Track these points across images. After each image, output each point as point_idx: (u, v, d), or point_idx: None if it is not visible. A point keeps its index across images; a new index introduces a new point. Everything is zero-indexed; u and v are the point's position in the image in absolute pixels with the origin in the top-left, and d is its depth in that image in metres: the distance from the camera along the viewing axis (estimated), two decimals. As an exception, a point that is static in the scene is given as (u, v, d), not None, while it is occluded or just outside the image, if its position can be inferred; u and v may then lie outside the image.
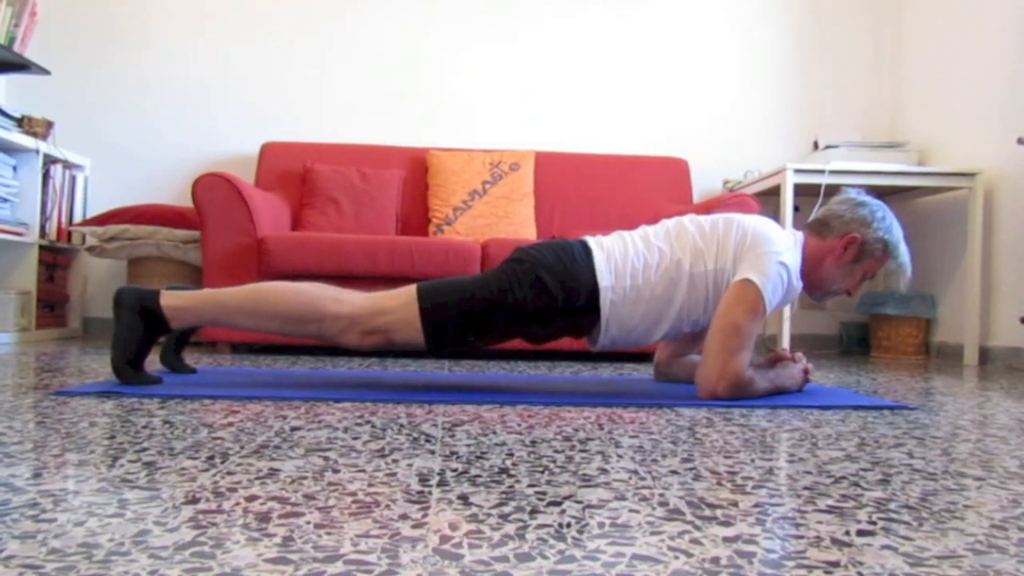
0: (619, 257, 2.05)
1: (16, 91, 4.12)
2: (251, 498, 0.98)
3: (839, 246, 2.11)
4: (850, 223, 2.12)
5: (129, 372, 1.97)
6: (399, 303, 1.99)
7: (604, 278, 2.02)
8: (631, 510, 0.97)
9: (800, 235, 2.16)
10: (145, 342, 1.99)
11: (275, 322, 2.01)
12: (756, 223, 2.07)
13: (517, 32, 4.35)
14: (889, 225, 2.14)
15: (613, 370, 2.86)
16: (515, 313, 2.00)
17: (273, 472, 1.12)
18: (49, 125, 3.76)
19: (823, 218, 2.17)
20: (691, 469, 1.21)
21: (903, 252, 2.15)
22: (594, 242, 2.09)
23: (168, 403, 1.75)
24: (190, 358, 2.86)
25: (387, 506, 0.96)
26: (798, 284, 2.07)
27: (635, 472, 1.18)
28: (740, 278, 1.98)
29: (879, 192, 4.19)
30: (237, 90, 4.24)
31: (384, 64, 4.29)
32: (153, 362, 2.41)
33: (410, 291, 2.00)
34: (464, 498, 1.00)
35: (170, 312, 1.98)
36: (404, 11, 4.31)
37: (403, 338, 1.99)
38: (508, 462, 1.23)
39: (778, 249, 2.01)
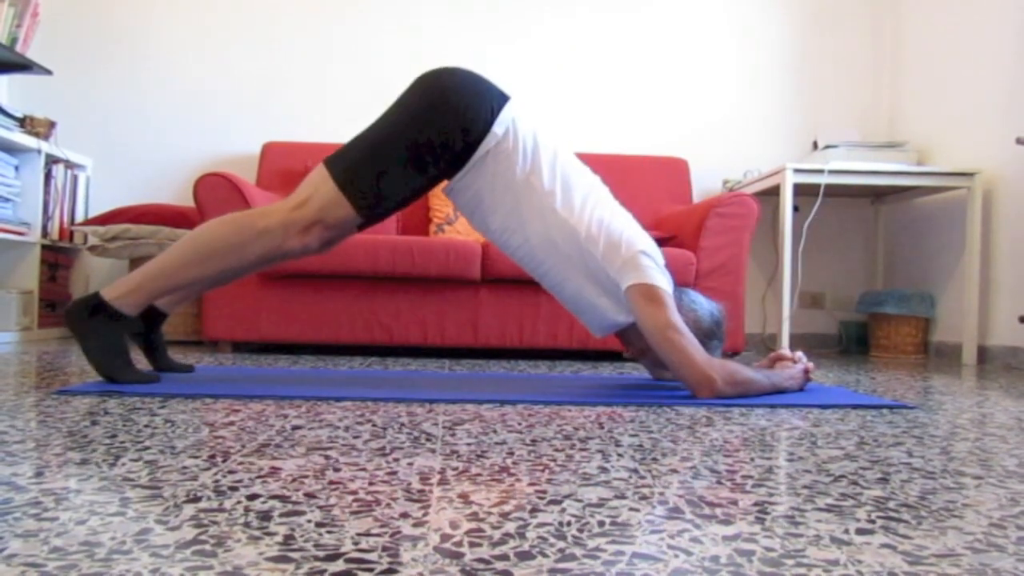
0: (527, 134, 2.03)
1: (18, 91, 4.12)
2: (252, 497, 0.98)
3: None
4: (693, 311, 2.19)
5: (119, 370, 1.96)
6: (315, 185, 1.95)
7: (498, 127, 1.99)
8: (631, 509, 0.97)
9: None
10: (115, 339, 1.97)
11: (215, 261, 1.95)
12: (628, 225, 2.08)
13: (517, 32, 4.35)
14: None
15: (613, 369, 2.86)
16: (420, 150, 1.95)
17: (274, 471, 1.12)
18: (51, 125, 3.76)
19: (686, 290, 2.26)
20: (691, 468, 1.21)
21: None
22: (519, 108, 2.06)
23: (169, 402, 1.76)
24: (191, 358, 2.87)
25: (388, 505, 0.96)
26: (662, 260, 2.08)
27: (635, 471, 1.18)
28: (627, 286, 2.00)
29: (878, 192, 4.21)
30: (238, 90, 4.25)
31: (385, 64, 4.30)
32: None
33: (319, 170, 1.97)
34: (465, 496, 1.01)
35: (118, 301, 1.95)
36: (404, 11, 4.31)
37: (336, 218, 1.94)
38: (508, 461, 1.23)
39: (640, 247, 2.02)
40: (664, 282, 2.02)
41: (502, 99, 2.03)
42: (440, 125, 1.95)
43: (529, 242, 2.07)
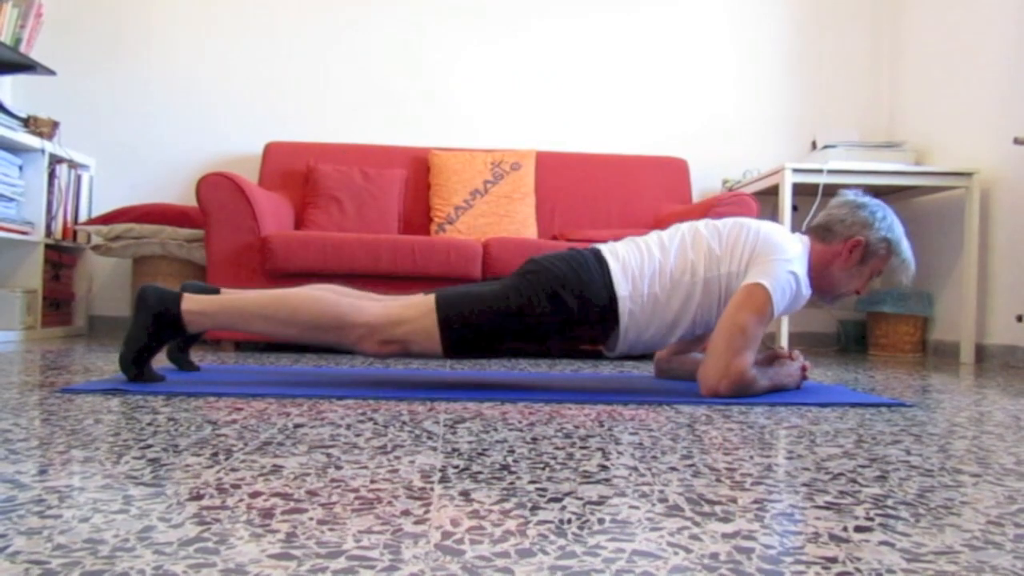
0: (635, 266, 2.06)
1: (22, 91, 4.13)
2: (255, 494, 0.98)
3: (844, 250, 2.13)
4: (852, 226, 2.14)
5: (135, 370, 1.98)
6: (418, 313, 2.00)
7: (621, 287, 2.03)
8: (631, 506, 0.97)
9: (807, 240, 2.17)
10: (157, 344, 2.01)
11: (293, 329, 2.02)
12: (768, 229, 2.09)
13: (518, 32, 4.36)
14: (891, 224, 2.16)
15: (613, 368, 2.87)
16: (534, 326, 2.01)
17: (276, 469, 1.13)
18: (55, 125, 3.77)
19: (826, 223, 2.18)
20: (690, 466, 1.22)
21: (906, 248, 2.17)
22: (608, 251, 2.10)
23: (173, 400, 1.76)
24: (195, 356, 2.87)
25: (389, 502, 0.96)
26: (807, 292, 2.08)
27: (635, 469, 1.18)
28: (750, 282, 1.99)
29: (877, 192, 4.20)
30: (241, 90, 4.25)
31: (386, 65, 4.30)
32: (160, 358, 2.42)
33: (428, 301, 2.01)
34: (466, 494, 1.01)
35: (189, 317, 1.99)
36: (406, 12, 4.31)
37: (420, 348, 2.01)
38: (509, 459, 1.23)
39: (789, 256, 2.03)
40: (780, 305, 2.01)
41: (600, 258, 2.07)
42: (556, 314, 2.00)
43: (694, 319, 2.10)
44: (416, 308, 2.01)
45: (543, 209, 3.96)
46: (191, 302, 2.00)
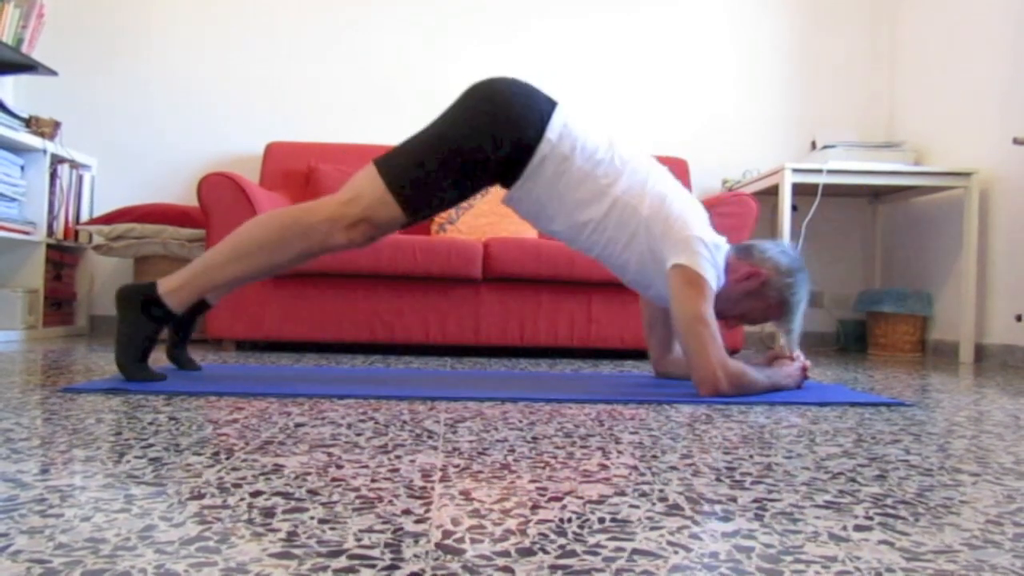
0: (579, 132, 2.05)
1: (24, 92, 4.13)
2: (256, 493, 0.99)
3: (744, 271, 2.13)
4: (766, 262, 2.15)
5: (134, 368, 1.99)
6: (365, 183, 1.98)
7: (553, 132, 2.01)
8: (631, 505, 0.98)
9: (728, 246, 2.17)
10: (149, 337, 2.01)
11: (263, 255, 1.99)
12: (690, 208, 2.09)
13: (518, 33, 4.36)
14: (797, 290, 2.15)
15: (613, 367, 2.87)
16: (470, 156, 1.98)
17: (277, 468, 1.13)
18: (56, 125, 3.77)
19: (750, 244, 2.21)
20: (690, 465, 1.22)
21: (797, 321, 2.18)
22: (568, 107, 2.09)
23: (174, 399, 1.77)
24: (196, 355, 2.87)
25: (390, 501, 0.97)
26: (722, 263, 2.09)
27: (635, 468, 1.19)
28: (672, 263, 2.01)
29: (876, 191, 4.21)
30: (242, 91, 4.25)
31: (386, 65, 4.30)
32: (160, 359, 2.43)
33: (370, 170, 2.00)
34: (466, 493, 1.01)
35: (168, 297, 2.00)
36: (406, 13, 4.32)
37: (383, 217, 1.97)
38: (510, 458, 1.24)
39: (698, 234, 2.03)
40: (711, 276, 2.02)
41: (551, 105, 2.05)
42: (490, 134, 1.98)
43: (596, 233, 2.09)
44: (361, 180, 2.00)
45: (543, 209, 3.95)
46: (165, 283, 2.01)
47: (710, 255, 2.04)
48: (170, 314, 2.03)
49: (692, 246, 2.01)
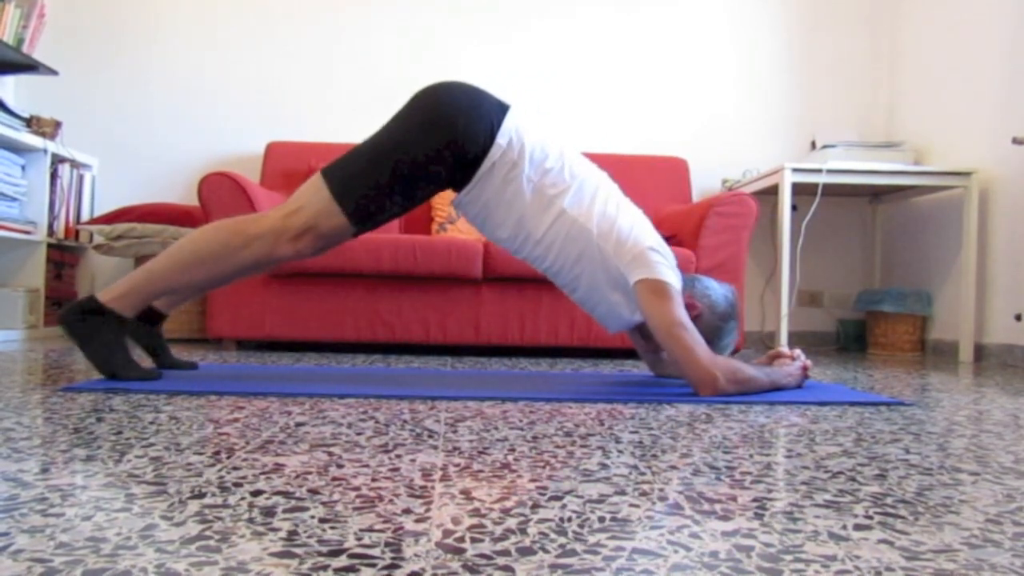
0: (533, 143, 2.03)
1: (24, 91, 4.13)
2: (256, 493, 0.99)
3: (685, 299, 2.12)
4: (707, 297, 2.18)
5: (121, 368, 1.98)
6: (310, 194, 1.96)
7: (502, 138, 2.00)
8: (631, 505, 0.98)
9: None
10: (114, 338, 1.98)
11: (206, 266, 1.96)
12: (637, 221, 2.09)
13: (518, 32, 4.36)
14: (724, 336, 2.21)
15: (613, 367, 2.87)
16: (416, 164, 1.96)
17: (278, 467, 1.13)
18: (57, 125, 3.77)
19: (695, 278, 2.23)
20: (690, 464, 1.22)
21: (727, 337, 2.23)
22: (521, 112, 2.08)
23: (174, 399, 1.77)
24: (196, 355, 2.88)
25: (390, 501, 0.97)
26: (673, 259, 2.09)
27: (635, 467, 1.19)
28: (635, 280, 2.01)
29: (876, 191, 4.22)
30: (243, 90, 4.26)
31: (387, 64, 4.31)
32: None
33: (315, 179, 1.98)
34: (467, 493, 1.02)
35: (113, 303, 1.96)
36: (407, 12, 4.32)
37: (329, 227, 1.95)
38: (510, 457, 1.24)
39: (648, 244, 2.04)
40: (673, 278, 2.03)
41: (502, 110, 2.03)
42: (437, 141, 1.96)
43: (541, 245, 2.08)
44: (307, 191, 1.97)
45: (544, 208, 3.95)
46: (107, 292, 1.98)
47: (664, 259, 2.05)
48: (121, 318, 1.98)
49: (647, 258, 2.02)
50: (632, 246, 2.03)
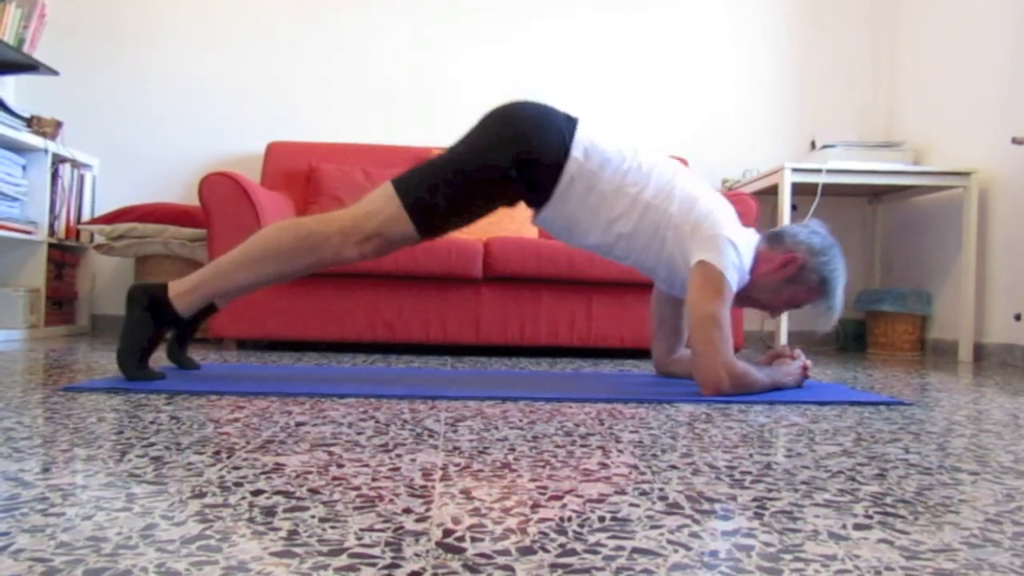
0: (601, 147, 2.06)
1: (25, 91, 4.13)
2: (257, 492, 0.99)
3: (780, 260, 2.12)
4: (799, 245, 2.13)
5: (133, 367, 1.99)
6: (382, 201, 2.00)
7: (577, 150, 2.03)
8: (631, 504, 0.98)
9: (758, 237, 2.18)
10: (153, 338, 2.03)
11: (273, 264, 2.02)
12: (719, 207, 2.09)
13: (518, 33, 4.36)
14: (835, 267, 2.13)
15: (614, 366, 2.87)
16: (487, 178, 2.00)
17: (279, 467, 1.13)
18: (58, 125, 3.77)
19: (779, 231, 2.19)
20: (690, 464, 1.22)
21: (838, 297, 2.15)
22: (585, 124, 2.10)
23: (175, 399, 1.77)
24: (197, 355, 2.88)
25: (391, 500, 0.97)
26: (747, 274, 2.09)
27: (635, 467, 1.19)
28: (697, 259, 2.00)
29: (876, 191, 4.22)
30: (243, 90, 4.26)
31: (387, 65, 4.31)
32: (160, 359, 2.43)
33: (387, 188, 2.01)
34: (467, 492, 1.02)
35: (178, 300, 2.03)
36: (407, 13, 4.32)
37: (397, 234, 2.00)
38: (510, 457, 1.24)
39: (727, 234, 2.03)
40: (733, 278, 2.01)
41: (571, 123, 2.07)
42: (511, 156, 1.99)
43: (631, 240, 2.09)
44: (379, 197, 2.01)
45: (544, 208, 3.96)
46: (175, 285, 2.05)
47: (737, 258, 2.03)
48: (177, 318, 2.05)
49: (719, 245, 2.01)
50: (708, 227, 2.03)
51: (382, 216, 1.99)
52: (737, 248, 2.03)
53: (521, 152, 1.99)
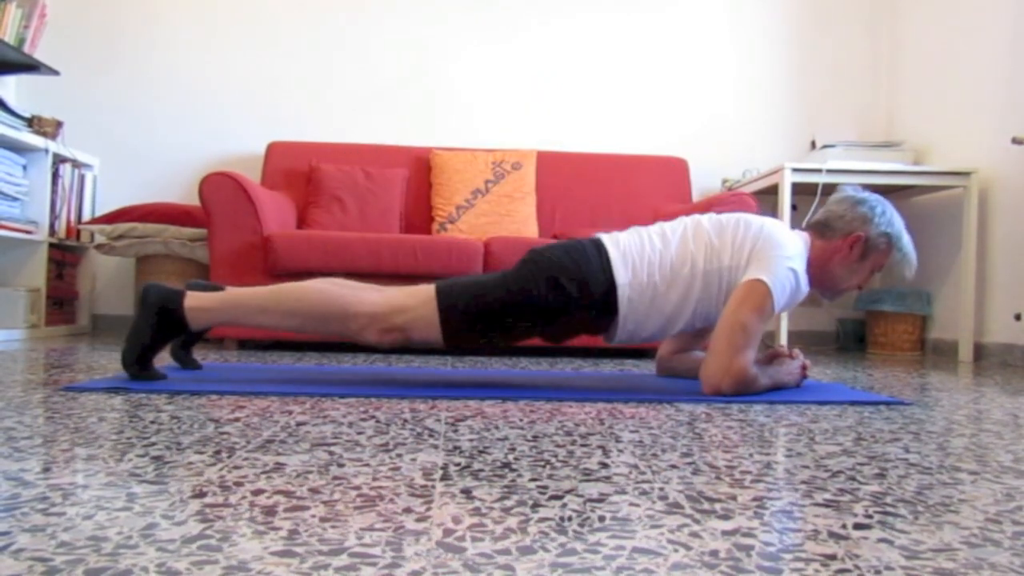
0: (636, 254, 2.06)
1: (26, 91, 4.13)
2: (257, 492, 0.99)
3: (844, 246, 2.13)
4: (852, 222, 2.14)
5: (137, 367, 1.99)
6: (418, 302, 2.01)
7: (620, 275, 2.04)
8: (631, 504, 0.98)
9: (807, 237, 2.18)
10: (159, 341, 2.03)
11: (295, 320, 2.03)
12: (770, 226, 2.09)
13: (519, 33, 4.36)
14: (890, 218, 2.16)
15: (614, 366, 2.87)
16: (533, 312, 2.02)
17: (279, 466, 1.13)
18: (58, 125, 3.78)
19: (825, 220, 2.18)
20: (690, 463, 1.22)
21: (907, 242, 2.17)
22: (609, 240, 2.11)
23: (176, 398, 1.77)
24: (198, 354, 2.88)
25: (391, 500, 0.97)
26: (805, 288, 2.08)
27: (635, 466, 1.19)
28: (750, 277, 1.99)
29: (875, 191, 4.20)
30: (244, 90, 4.26)
31: (388, 65, 4.31)
32: (162, 357, 2.43)
33: (428, 290, 2.02)
34: (467, 492, 1.02)
35: (191, 313, 2.01)
36: (407, 13, 4.32)
37: (421, 336, 2.02)
38: (510, 456, 1.24)
39: (789, 254, 2.03)
40: (781, 301, 2.01)
41: (598, 248, 2.07)
42: (557, 295, 2.01)
43: (701, 303, 2.09)
44: (417, 297, 2.02)
45: (544, 208, 3.96)
46: (194, 299, 2.02)
47: (794, 284, 2.03)
48: (185, 328, 2.04)
49: (774, 267, 2.00)
50: (767, 248, 2.03)
51: (414, 315, 2.00)
52: (797, 274, 2.03)
53: (566, 289, 2.01)
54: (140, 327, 2.00)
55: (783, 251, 2.02)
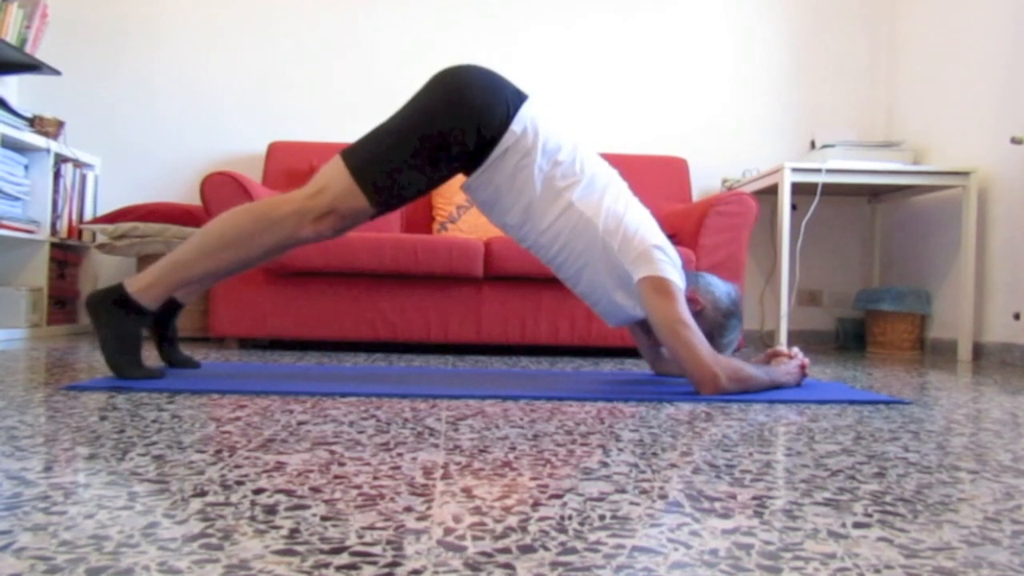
0: (547, 131, 2.05)
1: (27, 91, 4.14)
2: (258, 491, 0.99)
3: (688, 294, 2.12)
4: (709, 295, 2.19)
5: (128, 367, 1.99)
6: (331, 176, 1.98)
7: (517, 125, 2.01)
8: (631, 503, 0.98)
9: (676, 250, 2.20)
10: (132, 333, 2.01)
11: (231, 251, 1.99)
12: (644, 223, 2.10)
13: (518, 33, 4.36)
14: (727, 333, 2.22)
15: (614, 365, 2.87)
16: (434, 145, 1.97)
17: (280, 465, 1.14)
18: (60, 125, 3.78)
19: (699, 275, 2.24)
20: (690, 463, 1.22)
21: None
22: (539, 102, 2.09)
23: (176, 397, 1.77)
24: (198, 354, 2.88)
25: (392, 499, 0.97)
26: (673, 253, 2.10)
27: (635, 465, 1.19)
28: (639, 278, 2.03)
29: (875, 191, 4.22)
30: (245, 90, 4.26)
31: (388, 65, 4.31)
32: (156, 362, 2.43)
33: (335, 161, 2.00)
34: (468, 491, 1.02)
35: (139, 294, 1.99)
36: (408, 14, 4.32)
37: (350, 208, 1.97)
38: (511, 455, 1.24)
39: (653, 242, 2.05)
40: (676, 276, 2.04)
41: (519, 97, 2.05)
42: (455, 122, 1.97)
43: (546, 235, 2.09)
44: (327, 173, 1.99)
45: (544, 208, 3.96)
46: (133, 282, 2.01)
47: (668, 258, 2.06)
48: (144, 311, 2.01)
49: (652, 255, 2.03)
50: (638, 244, 2.04)
51: (333, 192, 1.96)
52: (666, 251, 2.06)
53: (468, 115, 1.96)
54: (105, 329, 1.99)
55: (649, 240, 2.05)
